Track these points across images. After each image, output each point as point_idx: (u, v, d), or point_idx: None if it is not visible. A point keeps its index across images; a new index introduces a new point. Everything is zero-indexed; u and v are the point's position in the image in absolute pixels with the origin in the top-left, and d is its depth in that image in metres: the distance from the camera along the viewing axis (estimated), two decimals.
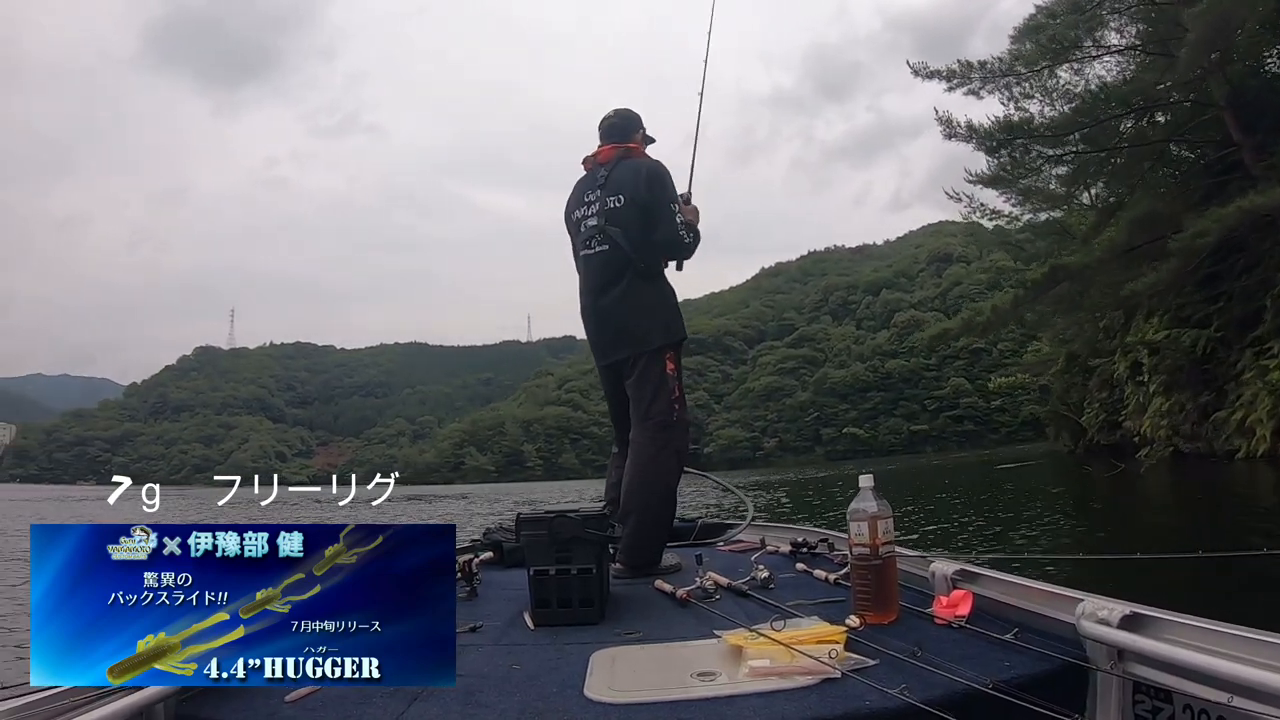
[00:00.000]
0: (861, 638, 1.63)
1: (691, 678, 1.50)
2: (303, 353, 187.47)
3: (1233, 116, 15.51)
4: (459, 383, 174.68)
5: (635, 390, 3.06)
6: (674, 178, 3.16)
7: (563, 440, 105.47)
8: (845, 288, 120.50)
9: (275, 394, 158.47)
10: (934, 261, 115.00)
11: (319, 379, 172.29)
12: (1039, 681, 1.38)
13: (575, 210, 3.24)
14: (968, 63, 19.27)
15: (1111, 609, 1.42)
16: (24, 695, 1.19)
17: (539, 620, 2.10)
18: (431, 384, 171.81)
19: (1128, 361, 20.43)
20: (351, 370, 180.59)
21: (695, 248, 3.18)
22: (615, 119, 3.31)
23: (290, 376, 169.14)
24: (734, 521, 4.04)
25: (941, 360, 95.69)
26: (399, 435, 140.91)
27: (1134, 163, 18.43)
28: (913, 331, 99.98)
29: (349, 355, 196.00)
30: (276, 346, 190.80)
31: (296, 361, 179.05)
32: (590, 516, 2.19)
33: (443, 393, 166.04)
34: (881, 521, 1.87)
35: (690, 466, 3.40)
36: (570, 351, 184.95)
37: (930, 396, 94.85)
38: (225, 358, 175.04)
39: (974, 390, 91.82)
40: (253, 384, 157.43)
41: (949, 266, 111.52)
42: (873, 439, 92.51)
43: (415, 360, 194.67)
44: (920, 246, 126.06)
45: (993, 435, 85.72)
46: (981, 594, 1.83)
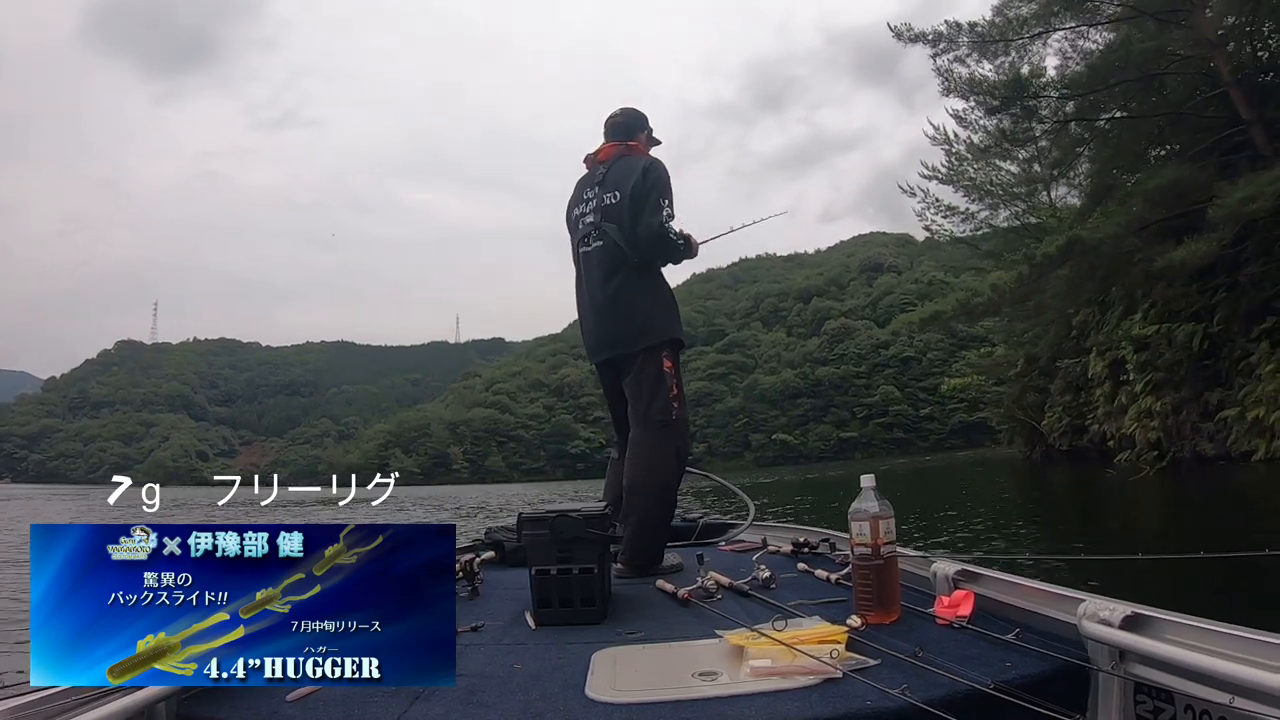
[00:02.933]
0: (863, 638, 1.63)
1: (693, 677, 1.50)
2: (227, 349, 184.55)
3: (1240, 93, 14.74)
4: (386, 383, 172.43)
5: (633, 389, 3.05)
6: None
7: (490, 443, 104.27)
8: (776, 295, 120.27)
9: (198, 391, 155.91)
10: (865, 271, 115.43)
11: (243, 377, 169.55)
12: (1040, 682, 1.38)
13: (574, 208, 3.24)
14: (956, 24, 18.15)
15: (1113, 609, 1.42)
16: (23, 695, 1.19)
17: (541, 620, 2.10)
18: (358, 384, 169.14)
19: (1105, 361, 19.33)
20: (277, 368, 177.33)
21: (681, 251, 3.12)
22: (620, 117, 3.30)
23: (214, 374, 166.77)
24: (735, 521, 4.04)
25: (872, 368, 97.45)
26: (324, 435, 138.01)
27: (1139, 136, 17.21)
28: (843, 339, 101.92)
29: (274, 353, 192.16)
30: (200, 342, 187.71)
31: (220, 358, 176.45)
32: (592, 516, 2.19)
33: (369, 393, 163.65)
34: (883, 521, 1.87)
35: None
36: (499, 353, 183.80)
37: (860, 404, 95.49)
38: (148, 353, 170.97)
39: (903, 398, 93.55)
40: (175, 380, 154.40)
41: (880, 276, 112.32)
42: (802, 445, 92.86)
43: (342, 359, 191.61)
44: (852, 255, 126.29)
45: (922, 443, 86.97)
46: (983, 594, 1.83)
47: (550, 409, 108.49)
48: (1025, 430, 25.96)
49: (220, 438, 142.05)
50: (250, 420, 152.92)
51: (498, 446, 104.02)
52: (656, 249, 3.04)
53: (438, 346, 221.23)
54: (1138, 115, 16.49)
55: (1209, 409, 15.32)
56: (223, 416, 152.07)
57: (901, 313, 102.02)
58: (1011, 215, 24.57)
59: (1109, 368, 19.00)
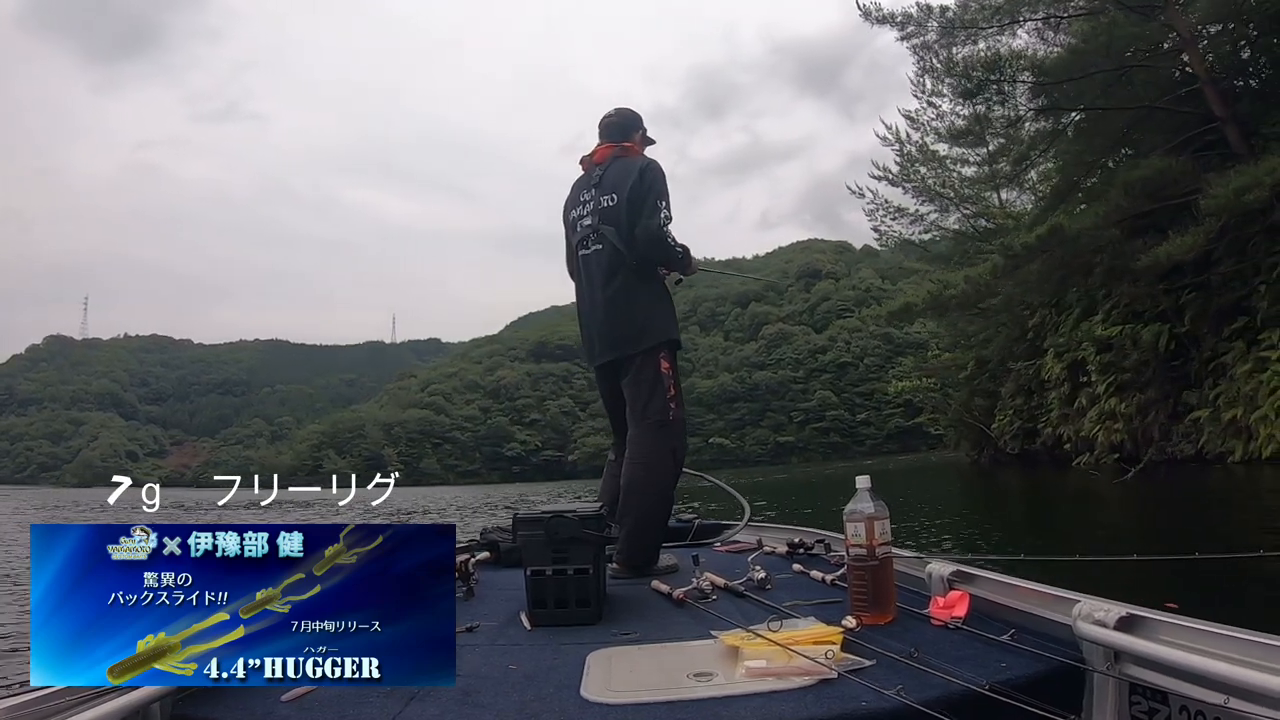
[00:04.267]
0: (858, 638, 1.63)
1: (688, 678, 1.50)
2: (159, 346, 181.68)
3: (1214, 91, 14.52)
4: (321, 383, 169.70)
5: (631, 390, 3.06)
6: None
7: (425, 444, 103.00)
8: (714, 299, 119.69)
9: (128, 389, 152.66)
10: (803, 277, 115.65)
11: (175, 375, 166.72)
12: (1035, 682, 1.39)
13: (571, 210, 3.24)
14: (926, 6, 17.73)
15: (1108, 610, 1.43)
16: (20, 695, 1.18)
17: (536, 620, 2.10)
18: (292, 383, 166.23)
19: (1064, 363, 18.86)
20: (209, 367, 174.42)
21: (679, 259, 3.16)
22: (615, 118, 3.30)
23: (145, 371, 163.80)
24: (731, 522, 4.04)
25: (809, 373, 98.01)
26: (257, 436, 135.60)
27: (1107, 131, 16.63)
28: (781, 344, 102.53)
29: (207, 351, 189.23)
30: (132, 339, 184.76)
31: (152, 355, 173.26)
32: (587, 517, 2.19)
33: (304, 393, 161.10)
34: (878, 522, 1.87)
35: None
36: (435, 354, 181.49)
37: (797, 409, 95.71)
38: (78, 349, 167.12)
39: (840, 403, 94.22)
40: (105, 378, 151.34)
41: (818, 282, 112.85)
42: (739, 449, 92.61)
43: (276, 358, 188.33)
44: (790, 261, 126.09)
45: (858, 447, 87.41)
46: (978, 595, 1.84)
47: (486, 411, 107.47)
48: (973, 434, 25.44)
49: (151, 437, 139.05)
50: (182, 419, 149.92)
51: (433, 448, 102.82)
52: (654, 251, 3.05)
53: (374, 346, 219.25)
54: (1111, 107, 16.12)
55: (1178, 410, 15.06)
56: (154, 415, 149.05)
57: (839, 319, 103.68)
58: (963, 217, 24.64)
59: (1068, 369, 18.65)
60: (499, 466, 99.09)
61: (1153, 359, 15.48)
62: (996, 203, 24.29)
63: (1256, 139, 13.67)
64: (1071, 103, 16.48)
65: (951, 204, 24.53)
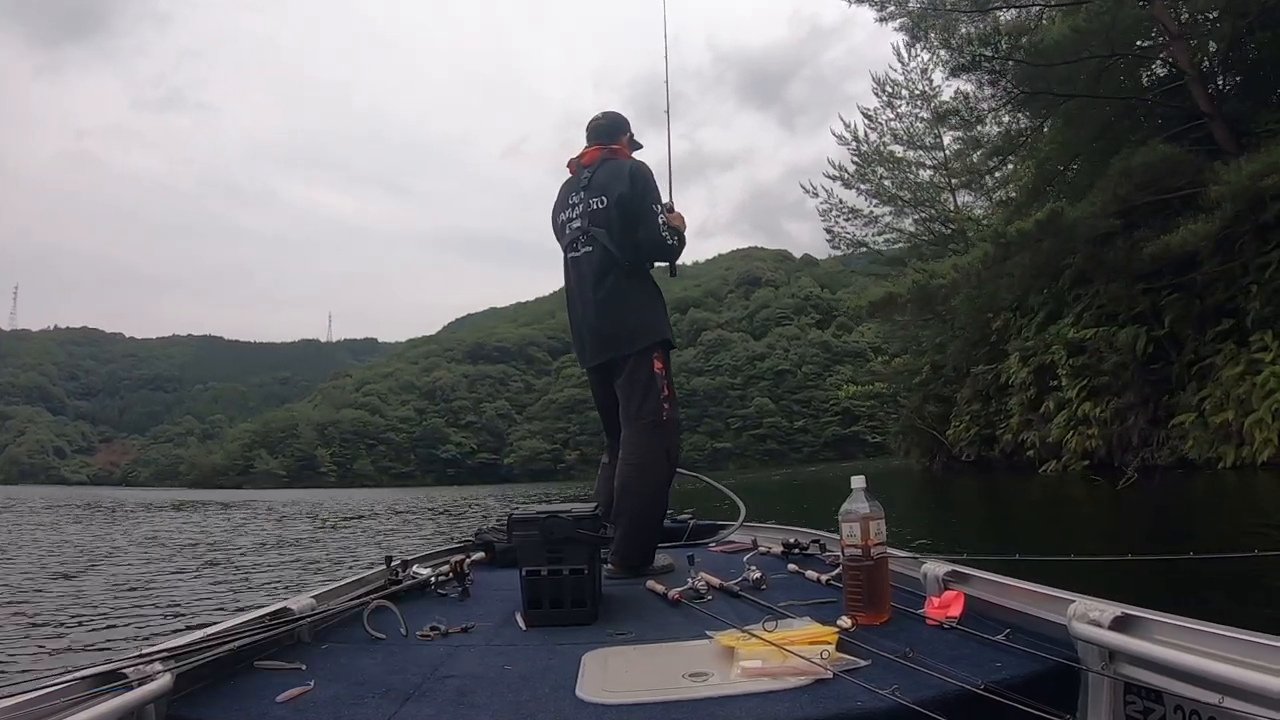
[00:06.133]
0: (853, 638, 1.63)
1: (684, 678, 1.50)
2: (90, 339, 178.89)
3: (1200, 87, 14.31)
4: (254, 381, 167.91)
5: (625, 390, 3.06)
6: None
7: (359, 445, 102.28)
8: None
9: (57, 383, 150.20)
10: (743, 284, 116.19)
11: (105, 369, 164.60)
12: (1030, 682, 1.39)
13: (560, 213, 3.25)
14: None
15: (1103, 610, 1.43)
16: (16, 695, 1.18)
17: (531, 621, 2.10)
18: (225, 381, 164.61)
19: (1029, 367, 17.95)
20: (141, 362, 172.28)
21: (680, 250, 3.17)
22: (603, 120, 3.32)
23: (74, 365, 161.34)
24: (726, 522, 4.04)
25: (747, 380, 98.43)
26: (188, 434, 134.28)
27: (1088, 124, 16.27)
28: (719, 350, 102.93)
29: (139, 345, 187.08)
30: (62, 331, 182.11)
31: (82, 349, 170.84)
32: (582, 517, 2.19)
33: (236, 390, 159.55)
34: (873, 522, 1.87)
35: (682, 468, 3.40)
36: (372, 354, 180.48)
37: (734, 415, 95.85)
38: (6, 340, 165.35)
39: (778, 410, 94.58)
40: (33, 371, 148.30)
41: (757, 289, 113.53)
42: None
43: (209, 355, 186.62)
44: (730, 269, 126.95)
45: (795, 455, 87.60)
46: (973, 595, 1.84)
47: (421, 412, 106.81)
48: (924, 440, 24.60)
49: (79, 433, 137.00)
50: (111, 416, 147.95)
51: (367, 449, 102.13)
52: (661, 257, 3.13)
53: (309, 345, 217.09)
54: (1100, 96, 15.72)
55: (1158, 415, 14.47)
56: (82, 411, 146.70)
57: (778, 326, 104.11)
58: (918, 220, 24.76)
59: (1034, 374, 17.90)
60: (434, 469, 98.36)
61: (1131, 362, 14.92)
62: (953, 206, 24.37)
63: (1248, 137, 13.48)
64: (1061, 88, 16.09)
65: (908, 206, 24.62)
